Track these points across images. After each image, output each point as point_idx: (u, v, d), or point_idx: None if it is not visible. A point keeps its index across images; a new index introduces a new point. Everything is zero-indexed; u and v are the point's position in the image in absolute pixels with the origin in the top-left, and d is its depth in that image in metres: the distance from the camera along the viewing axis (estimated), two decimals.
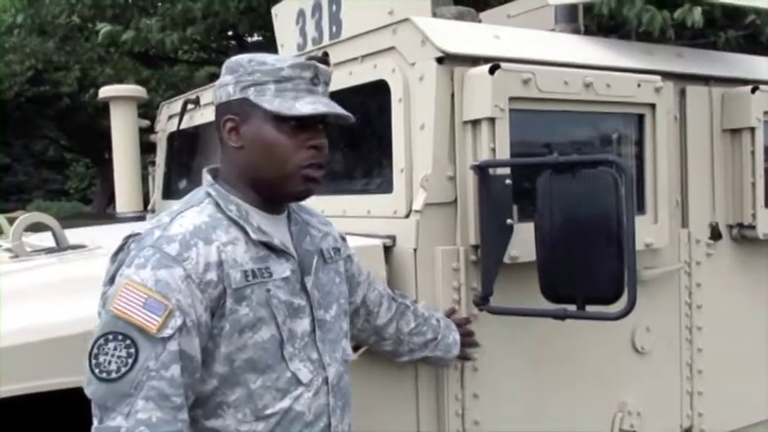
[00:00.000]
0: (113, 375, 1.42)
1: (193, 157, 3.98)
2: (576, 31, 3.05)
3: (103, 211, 21.00)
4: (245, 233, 1.59)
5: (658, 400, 2.82)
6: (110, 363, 1.43)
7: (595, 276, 2.06)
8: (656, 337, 2.79)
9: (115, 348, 1.43)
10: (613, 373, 2.70)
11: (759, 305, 3.13)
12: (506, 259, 2.27)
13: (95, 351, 1.45)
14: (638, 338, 2.74)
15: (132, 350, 1.43)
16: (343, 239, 1.96)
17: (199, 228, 1.55)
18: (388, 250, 2.33)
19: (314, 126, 1.63)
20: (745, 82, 2.97)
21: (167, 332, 1.44)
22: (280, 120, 1.59)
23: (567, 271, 2.10)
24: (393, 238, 2.35)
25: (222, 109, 1.66)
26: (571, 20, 3.10)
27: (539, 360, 2.51)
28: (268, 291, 1.57)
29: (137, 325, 1.43)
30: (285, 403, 1.59)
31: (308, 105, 1.59)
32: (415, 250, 2.28)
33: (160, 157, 4.22)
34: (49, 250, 2.61)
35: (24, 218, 2.64)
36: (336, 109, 1.64)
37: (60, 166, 30.07)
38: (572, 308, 2.14)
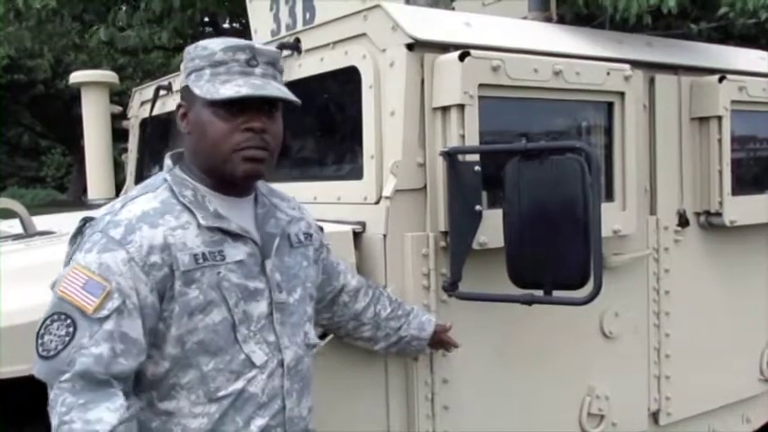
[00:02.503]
0: (51, 353, 1.47)
1: (166, 143, 3.96)
2: (548, 20, 3.07)
3: (79, 199, 20.77)
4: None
5: (626, 384, 2.86)
6: (51, 341, 1.48)
7: (562, 262, 2.09)
8: (624, 323, 2.82)
9: (57, 328, 1.49)
10: (582, 358, 2.73)
11: (725, 291, 3.18)
12: (475, 245, 2.29)
13: (42, 331, 1.50)
14: (606, 323, 2.77)
15: (71, 329, 1.48)
16: (321, 229, 1.97)
17: (146, 213, 1.57)
18: (357, 236, 2.34)
19: (255, 108, 1.59)
20: (712, 71, 3.01)
21: (104, 313, 1.48)
22: (214, 105, 1.58)
23: (534, 257, 2.12)
24: (363, 224, 2.35)
25: (180, 96, 1.69)
26: (543, 8, 3.12)
27: (508, 345, 2.54)
28: (219, 274, 1.57)
29: (75, 305, 1.48)
30: (238, 385, 1.60)
31: (232, 88, 1.56)
32: (385, 236, 2.29)
33: (132, 143, 4.18)
34: (15, 236, 2.58)
35: None
36: (266, 90, 1.59)
37: (35, 153, 29.69)
38: (539, 293, 2.16)
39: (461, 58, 2.26)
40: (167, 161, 1.70)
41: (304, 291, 1.78)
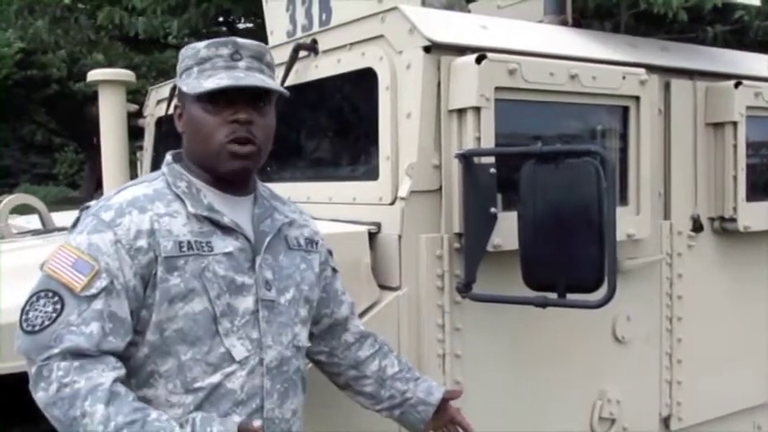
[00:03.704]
0: (37, 328, 1.49)
1: (181, 141, 3.99)
2: (564, 23, 3.08)
3: (91, 196, 20.86)
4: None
5: (638, 388, 2.86)
6: (37, 317, 1.50)
7: (576, 265, 2.09)
8: (636, 327, 2.83)
9: (44, 305, 1.51)
10: (594, 362, 2.74)
11: (738, 297, 3.17)
12: (490, 247, 2.30)
13: (27, 308, 1.53)
14: (618, 328, 2.78)
15: (58, 306, 1.50)
16: (330, 253, 1.94)
17: (137, 198, 1.60)
18: (373, 237, 2.35)
19: (242, 101, 1.61)
20: (728, 77, 3.01)
21: (92, 291, 1.51)
22: (201, 100, 1.60)
23: (548, 259, 2.13)
24: (378, 224, 2.36)
25: (177, 97, 1.73)
26: (559, 11, 3.12)
27: (520, 347, 2.54)
28: (203, 264, 1.58)
29: (64, 283, 1.51)
30: (215, 378, 1.59)
31: (214, 81, 1.58)
32: (400, 237, 2.31)
33: (148, 141, 4.22)
34: (35, 232, 2.62)
35: (10, 199, 2.65)
36: (246, 81, 1.60)
37: (48, 150, 29.88)
38: (553, 296, 2.17)
39: (478, 60, 2.27)
40: (167, 157, 1.73)
41: (298, 292, 1.76)
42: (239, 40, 1.65)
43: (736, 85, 2.92)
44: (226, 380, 1.60)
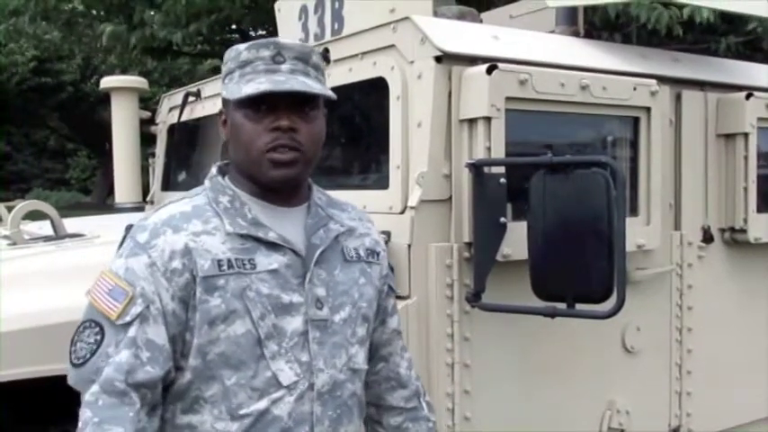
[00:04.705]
0: (81, 361, 1.45)
1: (193, 149, 4.02)
2: (576, 34, 3.09)
3: (103, 202, 21.05)
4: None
5: (647, 399, 2.86)
6: (82, 349, 1.46)
7: (586, 275, 2.09)
8: (646, 337, 2.82)
9: (88, 335, 1.47)
10: (603, 372, 2.73)
11: (749, 308, 3.16)
12: (499, 257, 2.30)
13: (75, 338, 1.49)
14: (628, 338, 2.77)
15: (99, 337, 1.45)
16: (392, 269, 1.82)
17: (173, 217, 1.52)
18: None
19: (285, 107, 1.50)
20: (740, 88, 3.00)
21: (127, 318, 1.44)
22: (242, 106, 1.52)
23: (557, 269, 2.13)
24: (388, 233, 2.37)
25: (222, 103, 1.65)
26: (571, 22, 3.13)
27: (529, 357, 2.54)
28: (245, 283, 1.48)
29: (102, 311, 1.46)
30: (261, 405, 1.49)
31: (253, 86, 1.48)
32: (410, 246, 2.31)
33: (160, 148, 4.25)
34: (46, 238, 2.64)
35: (23, 206, 2.67)
36: (287, 85, 1.49)
37: (61, 155, 30.10)
38: (562, 306, 2.17)
39: (489, 71, 2.28)
40: (212, 169, 1.64)
41: (355, 310, 1.62)
42: (282, 40, 1.54)
43: (748, 97, 2.92)
44: (273, 406, 1.49)
